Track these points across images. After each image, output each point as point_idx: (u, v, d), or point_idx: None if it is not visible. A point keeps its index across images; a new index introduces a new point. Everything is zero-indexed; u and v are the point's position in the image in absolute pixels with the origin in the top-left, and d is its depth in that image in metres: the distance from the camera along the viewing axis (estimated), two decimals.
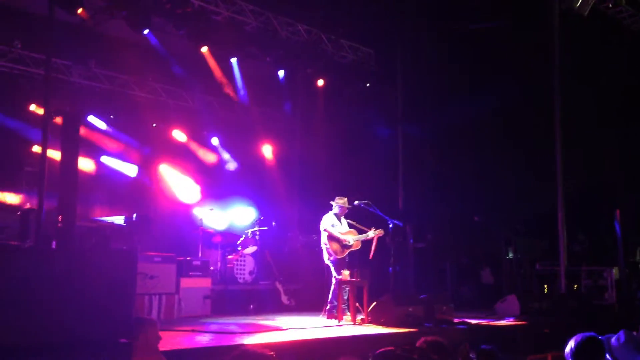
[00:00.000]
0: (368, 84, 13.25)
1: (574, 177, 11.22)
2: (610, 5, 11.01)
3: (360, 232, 8.92)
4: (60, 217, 5.77)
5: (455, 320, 8.48)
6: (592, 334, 3.70)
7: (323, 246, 8.85)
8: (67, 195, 5.84)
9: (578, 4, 10.31)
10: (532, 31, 11.41)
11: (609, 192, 11.66)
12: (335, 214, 8.96)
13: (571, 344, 3.65)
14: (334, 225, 8.86)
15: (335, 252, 8.73)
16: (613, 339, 4.42)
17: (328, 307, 8.74)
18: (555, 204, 10.90)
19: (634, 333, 4.61)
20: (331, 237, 8.77)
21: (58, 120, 5.91)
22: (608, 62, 11.36)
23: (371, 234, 8.81)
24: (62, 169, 5.86)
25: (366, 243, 8.95)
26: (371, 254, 8.87)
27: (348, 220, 9.06)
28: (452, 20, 11.74)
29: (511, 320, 9.18)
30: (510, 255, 12.29)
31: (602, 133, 11.62)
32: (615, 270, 10.75)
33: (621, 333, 4.45)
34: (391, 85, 13.30)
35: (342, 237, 8.80)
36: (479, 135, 12.48)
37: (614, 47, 11.43)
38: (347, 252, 8.83)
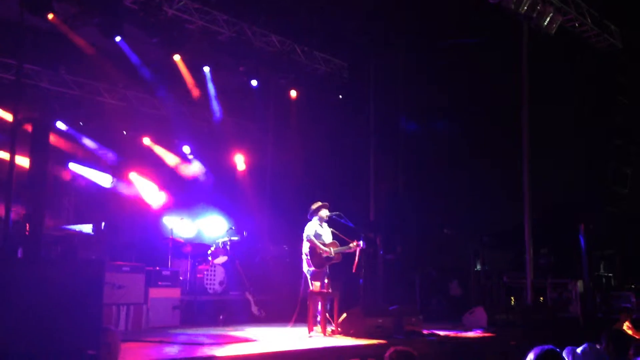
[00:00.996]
0: (340, 96, 13.36)
1: (541, 192, 11.44)
2: (577, 25, 11.32)
3: (342, 243, 8.68)
4: (27, 226, 5.66)
5: (425, 332, 8.53)
6: (550, 346, 3.73)
7: (303, 256, 8.57)
8: (35, 203, 5.73)
9: (546, 23, 10.58)
10: (502, 49, 11.65)
11: (574, 207, 11.90)
12: (318, 220, 8.69)
13: (530, 356, 3.69)
14: (317, 233, 8.60)
15: (315, 265, 8.47)
16: (577, 351, 4.52)
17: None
18: (522, 218, 11.10)
19: (597, 346, 4.73)
20: (312, 248, 8.50)
21: (27, 127, 5.81)
22: (575, 79, 11.64)
23: (352, 246, 8.56)
24: (30, 177, 5.74)
25: (348, 256, 8.72)
26: (354, 267, 8.60)
27: (332, 230, 8.85)
28: (425, 35, 11.92)
29: (479, 332, 9.27)
30: (479, 267, 12.46)
31: (568, 149, 11.88)
32: (579, 283, 10.98)
33: (585, 346, 4.56)
34: (363, 97, 13.42)
35: (324, 248, 8.54)
36: (450, 149, 12.67)
37: (581, 65, 11.72)
38: (327, 264, 8.58)
